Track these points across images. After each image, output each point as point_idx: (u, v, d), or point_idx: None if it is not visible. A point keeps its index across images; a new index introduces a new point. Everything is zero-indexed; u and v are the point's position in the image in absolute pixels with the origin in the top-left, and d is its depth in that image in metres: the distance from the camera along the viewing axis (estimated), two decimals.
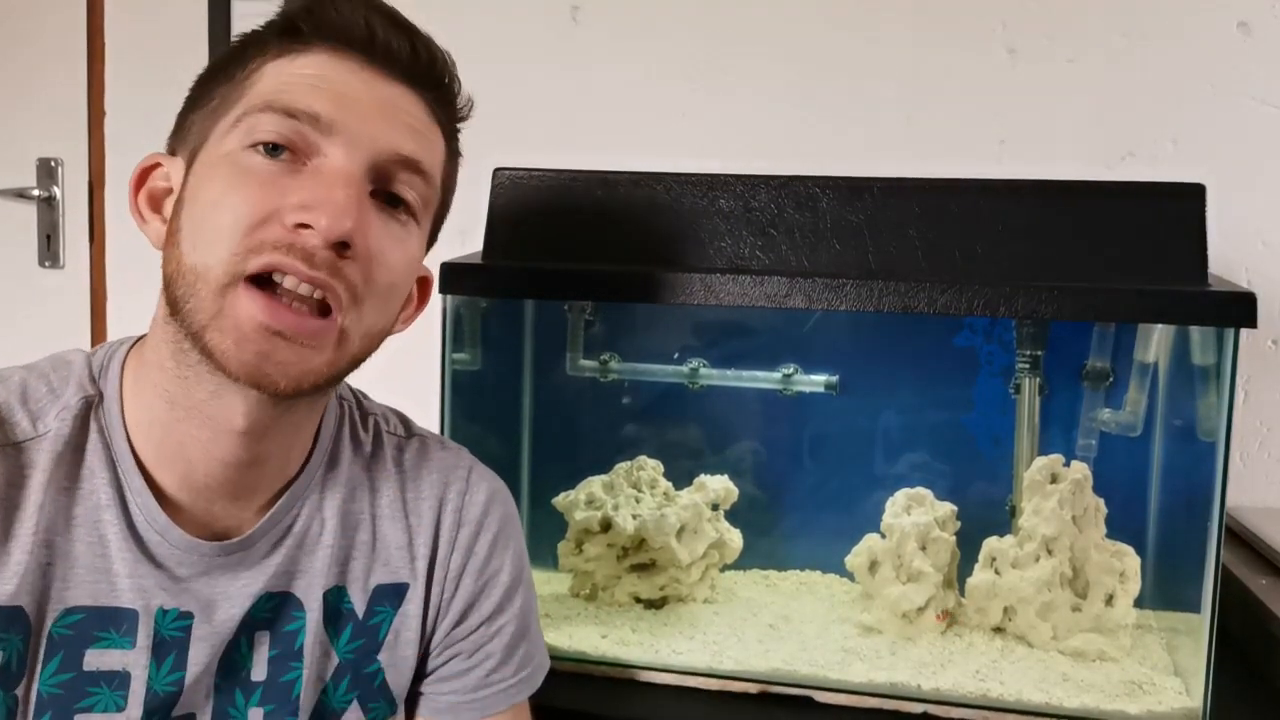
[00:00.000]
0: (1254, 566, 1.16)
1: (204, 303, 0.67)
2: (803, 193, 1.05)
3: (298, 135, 0.69)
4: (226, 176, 0.68)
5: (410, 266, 0.75)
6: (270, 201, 0.67)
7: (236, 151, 0.69)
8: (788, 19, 1.43)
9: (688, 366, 1.25)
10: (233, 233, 0.67)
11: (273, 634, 0.76)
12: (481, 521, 0.83)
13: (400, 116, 0.73)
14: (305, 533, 0.78)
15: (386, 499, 0.81)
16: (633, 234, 1.08)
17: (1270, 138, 1.31)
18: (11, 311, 1.77)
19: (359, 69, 0.72)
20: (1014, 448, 1.16)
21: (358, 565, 0.79)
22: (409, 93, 0.74)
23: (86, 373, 0.74)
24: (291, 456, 0.77)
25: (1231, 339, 0.95)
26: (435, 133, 0.76)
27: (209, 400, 0.70)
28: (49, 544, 0.70)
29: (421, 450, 0.84)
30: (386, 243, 0.71)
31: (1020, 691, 1.00)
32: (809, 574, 1.28)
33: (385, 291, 0.72)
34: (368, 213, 0.70)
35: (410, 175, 0.73)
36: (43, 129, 1.73)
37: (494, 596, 0.83)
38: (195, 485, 0.73)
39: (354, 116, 0.70)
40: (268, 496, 0.76)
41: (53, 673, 0.70)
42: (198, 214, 0.69)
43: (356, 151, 0.69)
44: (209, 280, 0.67)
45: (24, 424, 0.72)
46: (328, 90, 0.70)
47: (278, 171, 0.68)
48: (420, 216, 0.75)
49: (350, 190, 0.68)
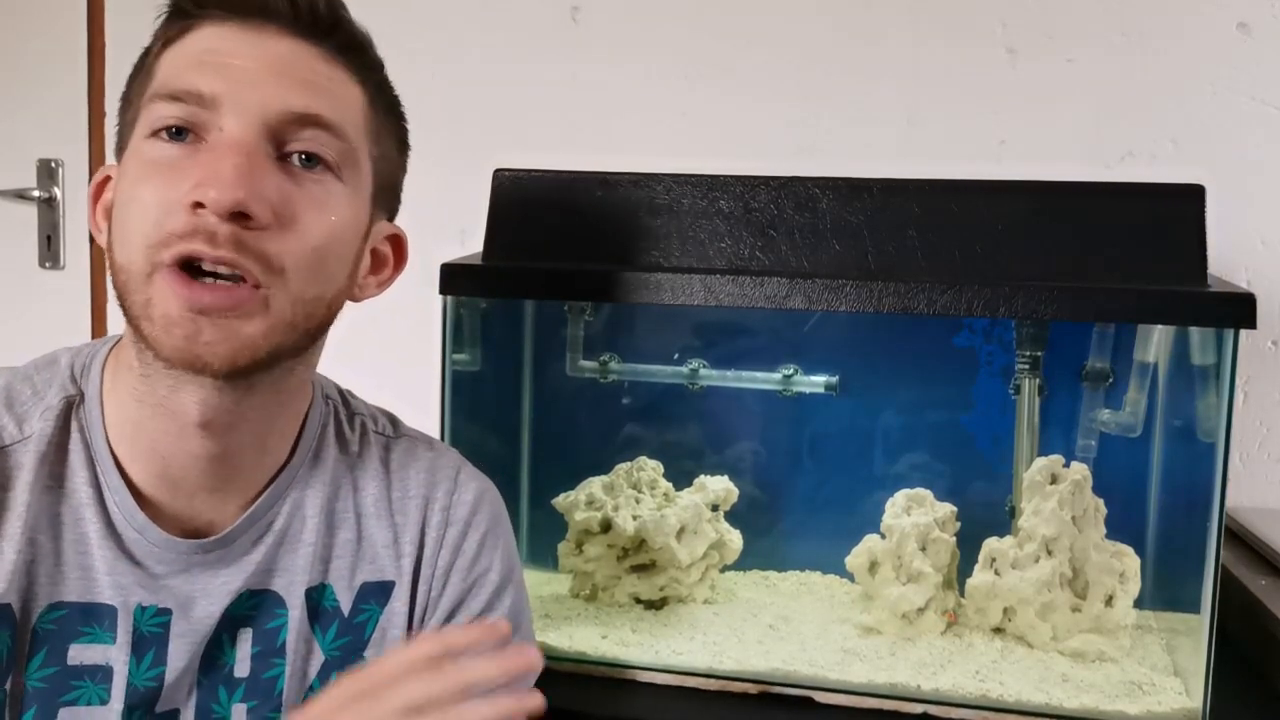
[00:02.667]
0: (1254, 567, 1.16)
1: (135, 296, 0.68)
2: (802, 193, 1.05)
3: (190, 116, 0.68)
4: (134, 172, 0.69)
5: (340, 226, 0.72)
6: (172, 189, 0.67)
7: (141, 144, 0.70)
8: (788, 19, 1.43)
9: (687, 367, 1.26)
10: (143, 226, 0.67)
11: (255, 631, 0.77)
12: (469, 520, 0.83)
13: (292, 73, 0.70)
14: (286, 530, 0.78)
15: (371, 497, 0.82)
16: (633, 234, 1.08)
17: (1270, 138, 1.31)
18: (12, 312, 1.77)
19: (243, 33, 0.70)
20: (1014, 448, 1.16)
21: (342, 563, 0.80)
22: (301, 45, 0.71)
23: (69, 372, 0.75)
24: (269, 449, 0.77)
25: (1231, 340, 0.94)
26: (341, 82, 0.73)
27: (169, 396, 0.70)
28: (34, 542, 0.71)
29: (409, 449, 0.85)
30: (300, 206, 0.69)
31: (1020, 692, 1.00)
32: (809, 574, 1.28)
33: (309, 255, 0.70)
34: (265, 178, 0.68)
35: (314, 130, 0.70)
36: (43, 130, 1.73)
37: (483, 595, 0.83)
38: (172, 481, 0.74)
39: (238, 84, 0.69)
40: (250, 492, 0.77)
41: (38, 666, 0.71)
42: (119, 215, 0.70)
43: (246, 119, 0.68)
44: (133, 274, 0.68)
45: (10, 428, 0.73)
46: (211, 63, 0.69)
47: (180, 156, 0.68)
48: (341, 171, 0.72)
49: (238, 159, 0.67)
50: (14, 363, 0.76)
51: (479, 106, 1.50)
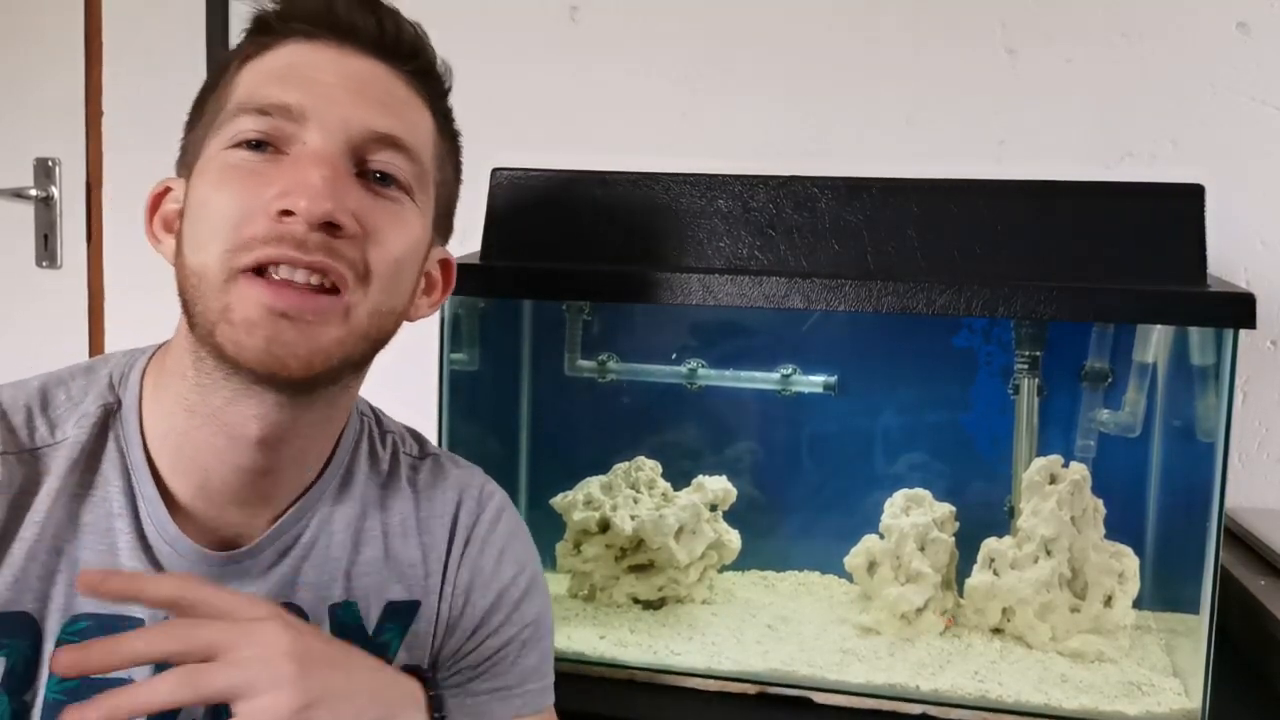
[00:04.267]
0: (1253, 567, 1.16)
1: (210, 302, 0.67)
2: (801, 193, 1.05)
3: (274, 129, 0.69)
4: (213, 178, 0.69)
5: (413, 244, 0.74)
6: (254, 195, 0.67)
7: (220, 154, 0.70)
8: (787, 19, 1.43)
9: (686, 367, 1.25)
10: (223, 230, 0.67)
11: None
12: (487, 538, 0.83)
13: (372, 93, 0.72)
14: (313, 544, 0.77)
15: (399, 517, 0.81)
16: (631, 234, 1.08)
17: (1270, 138, 1.31)
18: (9, 311, 1.77)
19: (327, 52, 0.72)
20: (1013, 448, 1.16)
21: (369, 581, 0.79)
22: (381, 68, 0.73)
23: (107, 380, 0.75)
24: (308, 464, 0.77)
25: (1230, 340, 0.94)
26: (416, 107, 0.75)
27: (225, 407, 0.70)
28: (57, 550, 0.70)
29: (435, 469, 0.84)
30: (379, 220, 0.70)
31: (1019, 692, 1.00)
32: (807, 575, 1.28)
33: (389, 269, 0.71)
34: (350, 192, 0.69)
35: (391, 152, 0.72)
36: (40, 129, 1.73)
37: (504, 609, 0.83)
38: (210, 493, 0.73)
39: (324, 100, 0.70)
40: (281, 506, 0.76)
41: (59, 680, 0.69)
42: (193, 219, 0.70)
43: (331, 134, 0.69)
44: (209, 279, 0.67)
45: (43, 430, 0.72)
46: (296, 79, 0.70)
47: (261, 164, 0.69)
48: (414, 193, 0.74)
49: (325, 170, 0.68)
50: (12, 361, 0.76)
51: (478, 105, 1.49)
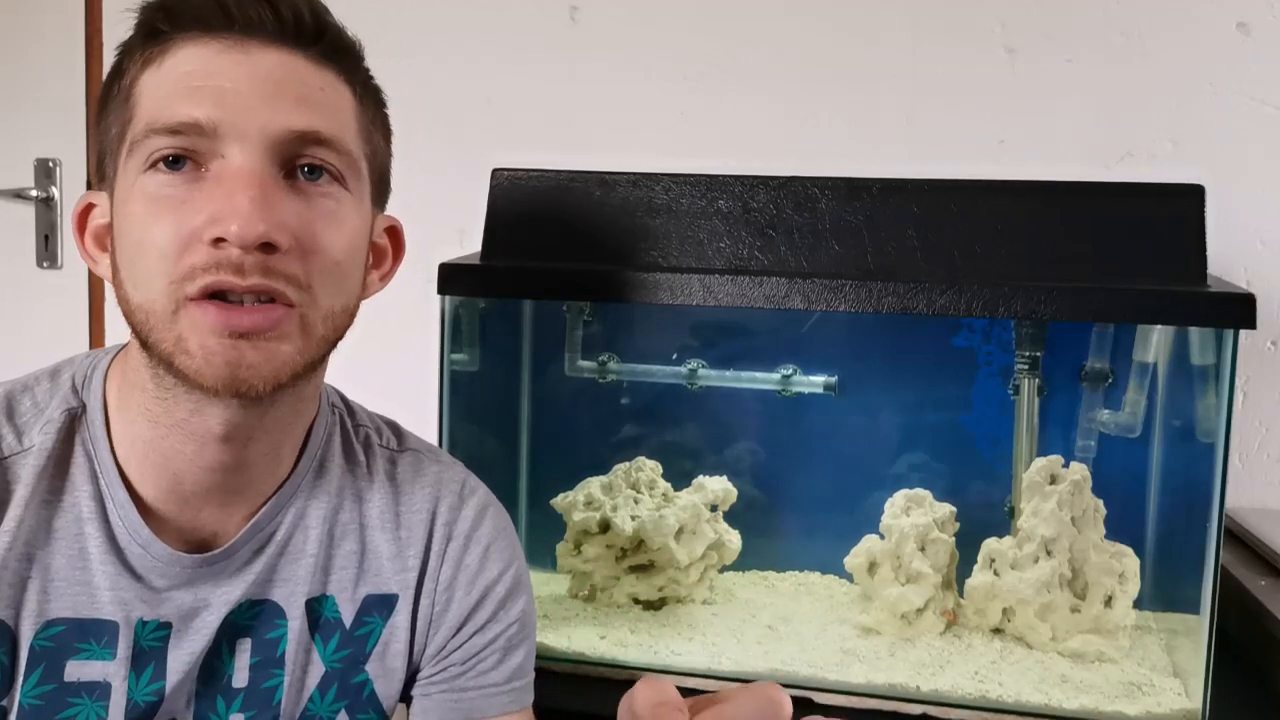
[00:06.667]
0: (1253, 567, 1.16)
1: (163, 333, 0.66)
2: (801, 193, 1.05)
3: (189, 145, 0.66)
4: (140, 210, 0.67)
5: (352, 238, 0.72)
6: (185, 224, 0.65)
7: (140, 179, 0.67)
8: (787, 19, 1.43)
9: (686, 367, 1.25)
10: (161, 267, 0.66)
11: (254, 641, 0.76)
12: (471, 535, 0.83)
13: (285, 90, 0.68)
14: (288, 540, 0.77)
15: (376, 510, 0.81)
16: (631, 234, 1.08)
17: (1270, 138, 1.31)
18: (10, 312, 1.77)
19: (228, 53, 0.68)
20: (1013, 449, 1.16)
21: (345, 575, 0.79)
22: (289, 56, 0.69)
23: (70, 385, 0.75)
24: (281, 458, 0.77)
25: (1231, 340, 0.94)
26: (332, 87, 0.71)
27: (190, 417, 0.70)
28: (29, 557, 0.70)
29: (415, 463, 0.84)
30: (317, 225, 0.68)
31: (1019, 693, 1.00)
32: (808, 575, 1.28)
33: (332, 270, 0.69)
34: (280, 204, 0.66)
35: (315, 147, 0.69)
36: (41, 129, 1.73)
37: (489, 607, 0.83)
38: (183, 494, 0.73)
39: (236, 110, 0.66)
40: (256, 503, 0.76)
41: (34, 684, 0.70)
42: (127, 254, 0.68)
43: (250, 145, 0.66)
44: (157, 313, 0.66)
45: (10, 439, 0.72)
46: (202, 89, 0.67)
47: (184, 184, 0.66)
48: (346, 180, 0.71)
49: (252, 190, 0.65)
50: (12, 362, 0.76)
51: (478, 106, 1.50)
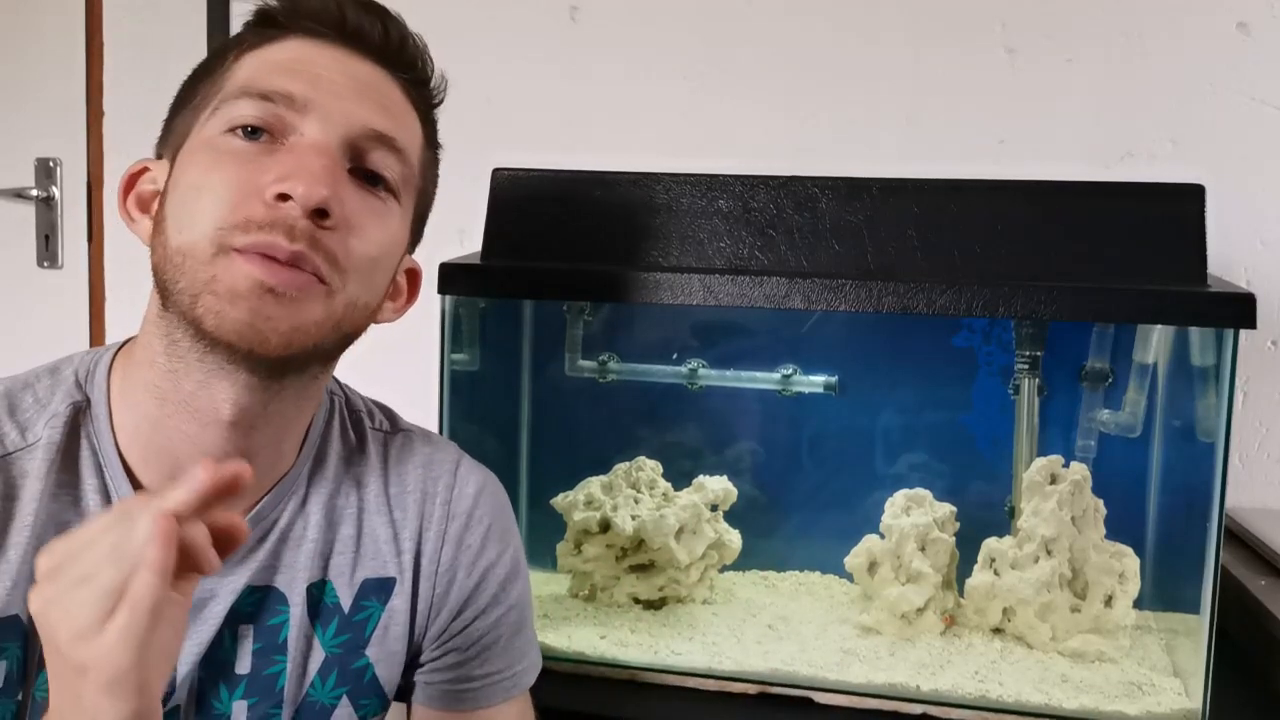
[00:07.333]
0: (1253, 567, 1.16)
1: (195, 275, 0.67)
2: (802, 193, 1.05)
3: (273, 117, 0.70)
4: (206, 160, 0.70)
5: (391, 243, 0.75)
6: (250, 178, 0.68)
7: (215, 137, 0.70)
8: (787, 19, 1.43)
9: (686, 367, 1.25)
10: (216, 210, 0.67)
11: (256, 628, 0.77)
12: (471, 514, 0.83)
13: (373, 95, 0.74)
14: (290, 528, 0.78)
15: (372, 493, 0.81)
16: (632, 234, 1.08)
17: (1270, 138, 1.31)
18: (10, 312, 1.77)
19: (332, 51, 0.73)
20: (1013, 448, 1.16)
21: (343, 560, 0.79)
22: (382, 73, 0.75)
23: (73, 379, 0.75)
24: (283, 452, 0.77)
25: (1231, 339, 0.94)
26: (410, 114, 0.77)
27: (197, 391, 0.70)
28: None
29: (406, 444, 0.85)
30: (365, 216, 0.72)
31: (1019, 692, 1.00)
32: (808, 575, 1.28)
33: (366, 264, 0.72)
34: (344, 184, 0.70)
35: (385, 152, 0.73)
36: (41, 129, 1.73)
37: (490, 589, 0.83)
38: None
39: (327, 94, 0.71)
40: (258, 494, 0.76)
41: (46, 679, 0.70)
42: (181, 199, 0.70)
43: (331, 127, 0.71)
44: (197, 255, 0.67)
45: (12, 435, 0.72)
46: (302, 72, 0.71)
47: (256, 152, 0.69)
48: (400, 195, 0.75)
49: (325, 160, 0.69)
50: (12, 361, 0.76)
51: (478, 106, 1.50)
